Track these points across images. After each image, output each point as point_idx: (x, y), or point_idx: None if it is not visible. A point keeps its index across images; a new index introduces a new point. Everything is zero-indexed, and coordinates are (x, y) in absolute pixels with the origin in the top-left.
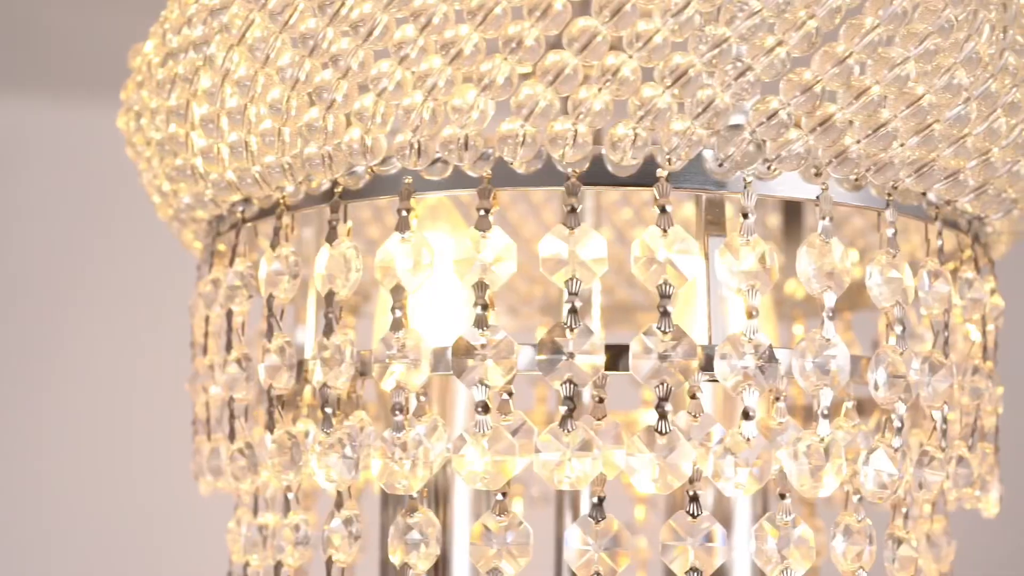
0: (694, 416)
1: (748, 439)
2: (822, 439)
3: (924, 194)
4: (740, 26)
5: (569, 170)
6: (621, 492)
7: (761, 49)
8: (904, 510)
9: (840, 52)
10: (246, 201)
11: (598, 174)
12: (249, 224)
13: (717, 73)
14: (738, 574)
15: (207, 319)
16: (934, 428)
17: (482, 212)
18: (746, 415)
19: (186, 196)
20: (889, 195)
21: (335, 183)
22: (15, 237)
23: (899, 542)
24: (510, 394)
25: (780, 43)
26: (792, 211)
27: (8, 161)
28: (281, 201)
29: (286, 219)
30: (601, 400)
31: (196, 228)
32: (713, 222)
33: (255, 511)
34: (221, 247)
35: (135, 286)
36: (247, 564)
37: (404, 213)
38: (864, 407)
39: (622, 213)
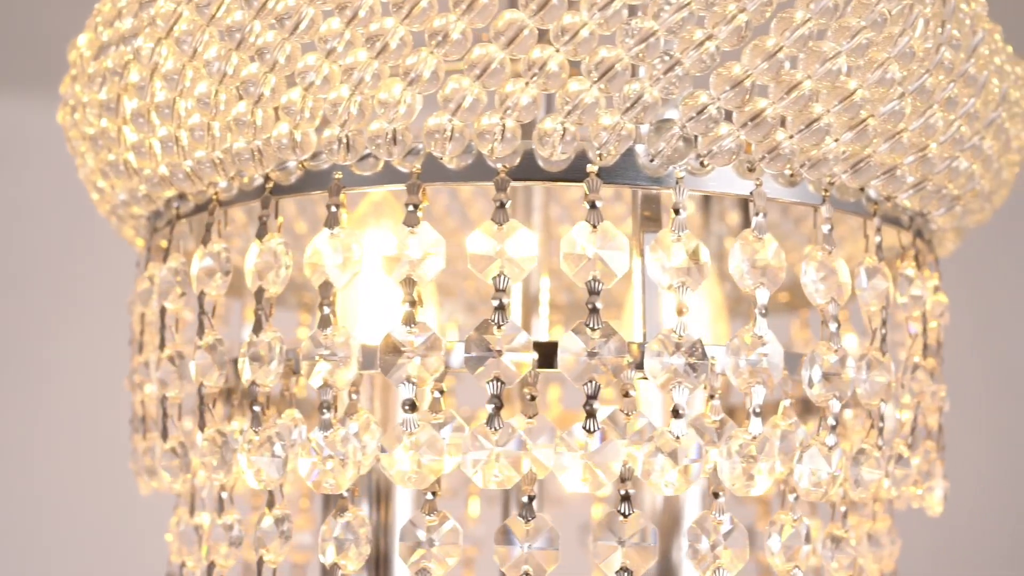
0: (627, 414)
1: (678, 437)
2: (754, 437)
3: (862, 190)
4: (668, 20)
5: (499, 165)
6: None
7: (690, 43)
8: (843, 509)
9: (770, 46)
10: (181, 197)
11: (529, 169)
12: (184, 220)
13: (646, 67)
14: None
15: (143, 316)
16: (872, 426)
17: (410, 208)
18: (675, 413)
19: (121, 192)
20: (825, 191)
21: (267, 178)
22: (15, 236)
23: (838, 541)
24: (441, 392)
25: (709, 37)
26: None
27: (8, 161)
28: (214, 197)
29: (219, 215)
30: (533, 398)
31: (135, 224)
32: (651, 218)
33: (192, 510)
34: (163, 243)
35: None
36: (183, 564)
37: (334, 209)
38: (812, 406)
39: (550, 211)
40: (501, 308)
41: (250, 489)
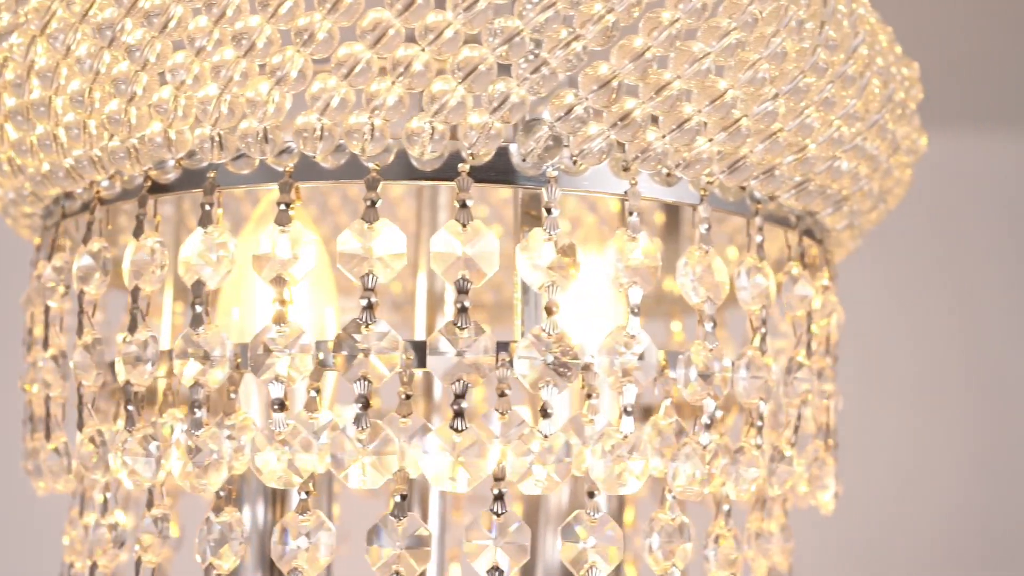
0: (502, 413)
1: (546, 436)
2: (625, 436)
3: (743, 188)
4: (533, 19)
5: (371, 164)
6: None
7: (556, 43)
8: (726, 508)
9: (638, 46)
10: (68, 195)
11: (403, 168)
12: (70, 217)
13: (513, 67)
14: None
15: (32, 315)
16: (751, 424)
17: (282, 207)
18: (544, 412)
19: (9, 191)
20: (703, 191)
21: (146, 177)
22: None
23: (718, 539)
24: (318, 391)
25: (576, 37)
26: (674, 211)
27: None
28: (96, 195)
29: (99, 213)
30: (408, 397)
31: (29, 223)
32: (534, 216)
33: (81, 511)
34: (65, 241)
35: None
36: (72, 565)
37: (207, 207)
38: (721, 405)
39: (477, 211)
40: (369, 307)
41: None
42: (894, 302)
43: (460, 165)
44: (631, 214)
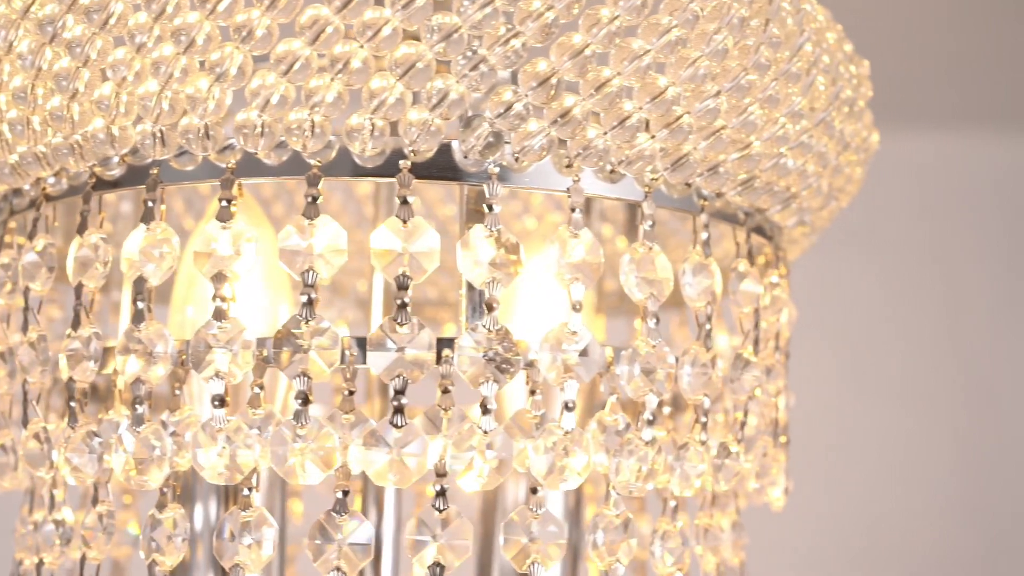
0: (445, 410)
1: (485, 432)
2: (567, 432)
3: (689, 185)
4: (471, 16)
5: (313, 161)
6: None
7: (495, 39)
8: (673, 504)
9: (577, 43)
10: (16, 192)
11: (346, 165)
12: (18, 214)
13: (452, 64)
14: None
15: None
16: (696, 420)
17: (224, 203)
18: (484, 408)
19: None
20: (648, 187)
21: (92, 173)
22: None
23: (665, 535)
24: (261, 387)
25: (515, 34)
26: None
27: None
28: (42, 192)
29: (46, 210)
30: (351, 393)
31: None
32: (480, 212)
33: (30, 508)
34: (13, 238)
35: None
36: (20, 562)
37: (150, 204)
38: (679, 405)
39: (445, 208)
40: (309, 303)
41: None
42: (883, 302)
43: (401, 162)
44: (573, 211)
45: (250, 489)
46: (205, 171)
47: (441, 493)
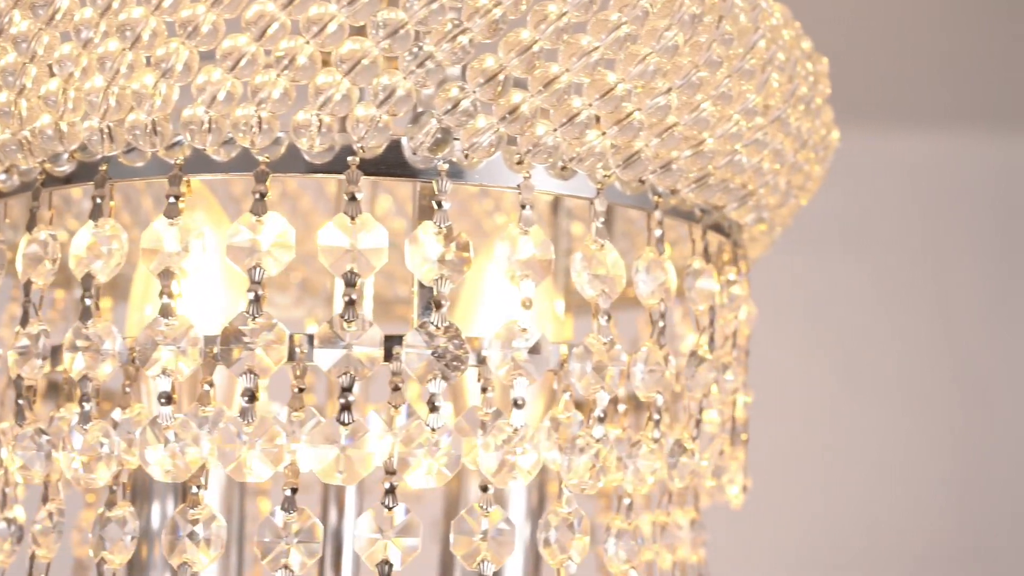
0: (395, 407)
1: (433, 429)
2: (516, 430)
3: (642, 182)
4: (418, 12)
5: (261, 157)
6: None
7: (443, 36)
8: (627, 501)
9: (524, 39)
10: None
11: (295, 162)
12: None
13: (399, 59)
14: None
15: None
16: (649, 418)
17: (171, 199)
18: (432, 406)
19: None
20: (600, 184)
21: (42, 170)
22: None
23: (621, 533)
24: (211, 384)
25: (463, 31)
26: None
27: None
28: None
29: None
30: (301, 390)
31: None
32: (432, 208)
33: None
34: None
35: None
36: None
37: (99, 200)
38: (639, 404)
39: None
40: (256, 300)
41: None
42: (876, 301)
43: (350, 158)
44: (524, 207)
45: (199, 487)
46: (154, 167)
47: (391, 491)
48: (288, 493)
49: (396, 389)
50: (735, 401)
